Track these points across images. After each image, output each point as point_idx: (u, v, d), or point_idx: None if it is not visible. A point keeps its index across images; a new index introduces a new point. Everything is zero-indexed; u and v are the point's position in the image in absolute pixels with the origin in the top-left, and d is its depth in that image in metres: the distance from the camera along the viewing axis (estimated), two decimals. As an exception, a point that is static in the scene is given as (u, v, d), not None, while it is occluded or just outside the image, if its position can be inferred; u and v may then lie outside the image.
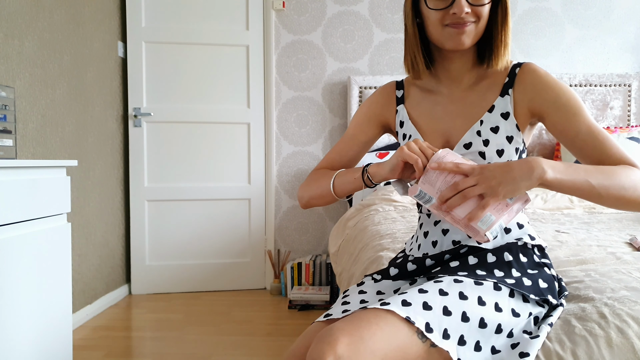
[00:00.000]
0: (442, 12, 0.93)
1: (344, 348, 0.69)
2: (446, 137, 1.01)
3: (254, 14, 3.06)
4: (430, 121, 1.03)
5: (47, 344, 1.61)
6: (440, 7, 0.93)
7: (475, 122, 0.99)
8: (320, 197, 1.07)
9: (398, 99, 1.09)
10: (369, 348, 0.70)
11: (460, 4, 0.90)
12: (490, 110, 0.98)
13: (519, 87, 0.98)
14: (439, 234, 1.01)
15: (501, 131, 0.97)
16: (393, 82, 1.13)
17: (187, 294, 3.03)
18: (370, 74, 3.14)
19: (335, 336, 0.71)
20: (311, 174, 1.14)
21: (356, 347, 0.70)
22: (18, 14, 2.02)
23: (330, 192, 1.04)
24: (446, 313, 0.77)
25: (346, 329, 0.72)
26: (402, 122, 1.07)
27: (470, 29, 0.93)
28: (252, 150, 3.12)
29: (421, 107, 1.05)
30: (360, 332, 0.71)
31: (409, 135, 1.05)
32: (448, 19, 0.93)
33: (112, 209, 2.85)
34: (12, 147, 1.58)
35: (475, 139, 0.97)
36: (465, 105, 1.01)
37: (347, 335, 0.71)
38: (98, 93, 2.69)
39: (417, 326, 0.74)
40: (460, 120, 1.00)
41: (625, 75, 2.98)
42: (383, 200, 2.28)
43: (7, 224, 1.44)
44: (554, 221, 1.92)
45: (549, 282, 0.91)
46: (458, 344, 0.76)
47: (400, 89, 1.10)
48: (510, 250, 0.94)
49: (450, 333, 0.76)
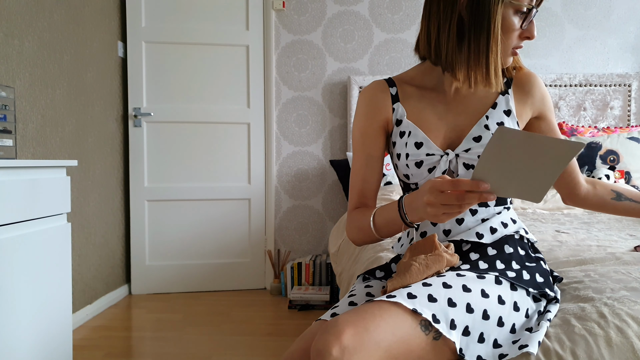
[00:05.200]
0: (519, 31, 0.94)
1: (349, 339, 0.70)
2: (452, 133, 1.01)
3: (254, 14, 3.06)
4: (432, 118, 1.02)
5: (47, 344, 1.61)
6: (517, 26, 0.93)
7: (480, 117, 1.00)
8: (372, 242, 1.03)
9: (393, 96, 1.05)
10: (374, 339, 0.71)
11: (534, 29, 0.94)
12: (494, 107, 1.01)
13: (519, 88, 1.03)
14: (428, 226, 1.02)
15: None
16: (381, 80, 1.07)
17: (187, 294, 3.03)
18: (370, 74, 3.14)
19: (341, 327, 0.72)
20: (349, 217, 1.07)
21: (361, 337, 0.71)
22: (18, 14, 2.02)
23: (378, 237, 1.00)
24: (451, 304, 0.78)
25: (351, 320, 0.73)
26: (398, 121, 1.04)
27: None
28: (252, 150, 3.12)
29: (421, 104, 1.04)
30: (365, 324, 0.72)
31: (409, 132, 1.02)
32: (521, 41, 0.96)
33: (112, 209, 2.85)
34: (12, 147, 1.58)
35: (485, 133, 0.98)
36: (468, 102, 1.02)
37: (352, 326, 0.72)
38: (98, 93, 2.69)
39: (424, 317, 0.75)
40: (465, 116, 1.01)
41: (625, 75, 2.98)
42: (383, 200, 2.28)
43: (7, 224, 1.44)
44: (554, 221, 1.92)
45: (545, 277, 0.94)
46: (462, 334, 0.78)
47: (392, 86, 1.06)
48: (508, 242, 0.97)
49: (457, 324, 0.77)
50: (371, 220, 0.97)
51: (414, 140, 1.00)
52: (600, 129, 2.81)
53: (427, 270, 0.86)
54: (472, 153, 0.97)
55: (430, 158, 0.98)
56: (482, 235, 0.97)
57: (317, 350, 0.71)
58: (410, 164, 1.00)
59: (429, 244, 0.89)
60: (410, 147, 1.00)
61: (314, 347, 0.72)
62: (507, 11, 0.91)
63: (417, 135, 1.00)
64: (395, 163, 1.06)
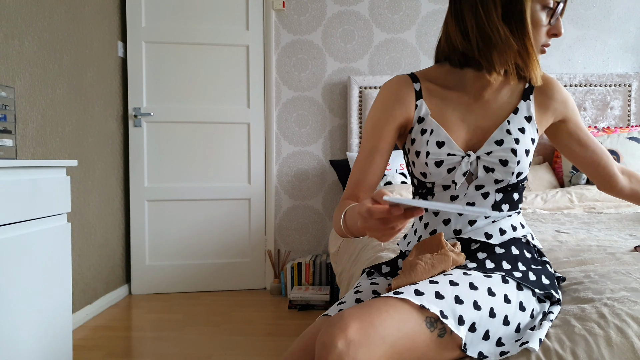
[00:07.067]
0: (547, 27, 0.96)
1: (354, 332, 0.71)
2: (473, 135, 1.01)
3: (254, 14, 3.06)
4: (454, 119, 1.01)
5: (47, 344, 1.61)
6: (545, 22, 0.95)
7: (502, 122, 1.00)
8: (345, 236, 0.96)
9: (417, 92, 1.03)
10: (379, 334, 0.72)
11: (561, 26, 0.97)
12: (515, 112, 1.01)
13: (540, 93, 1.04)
14: (439, 224, 1.01)
15: (527, 133, 1.00)
16: (404, 75, 1.05)
17: (187, 294, 3.03)
18: (370, 74, 3.14)
19: (346, 321, 0.72)
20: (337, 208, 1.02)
21: (366, 332, 0.71)
22: (18, 14, 2.02)
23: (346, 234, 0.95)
24: (458, 302, 0.79)
25: (357, 314, 0.74)
26: (421, 118, 1.02)
27: None
28: (252, 150, 3.12)
29: (444, 104, 1.02)
30: (371, 318, 0.73)
31: (431, 131, 1.00)
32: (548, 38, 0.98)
33: (112, 209, 2.85)
34: (12, 147, 1.58)
35: (506, 137, 0.98)
36: (490, 106, 1.02)
37: (358, 320, 0.72)
38: (98, 93, 2.69)
39: (432, 312, 0.76)
40: (486, 120, 1.01)
41: (625, 75, 2.98)
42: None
43: (7, 224, 1.44)
44: (554, 221, 1.92)
45: (550, 279, 0.94)
46: (469, 330, 0.78)
47: (416, 82, 1.04)
48: (516, 245, 0.98)
49: (465, 319, 0.78)
50: (341, 221, 0.94)
51: (435, 139, 0.99)
52: (600, 129, 2.81)
53: (432, 269, 0.86)
54: (493, 156, 0.97)
55: (451, 158, 0.98)
56: (491, 236, 0.98)
57: (322, 343, 0.71)
58: (429, 163, 0.99)
59: (435, 242, 0.89)
60: (431, 146, 0.99)
61: (319, 340, 0.73)
62: (535, 6, 0.93)
63: (439, 134, 0.99)
64: (412, 160, 1.04)
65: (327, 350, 0.70)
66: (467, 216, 0.99)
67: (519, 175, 0.99)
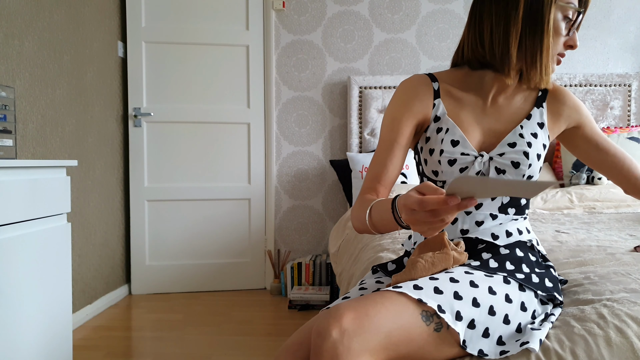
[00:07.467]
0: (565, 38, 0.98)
1: (349, 322, 0.72)
2: (487, 137, 1.03)
3: (254, 13, 3.06)
4: (469, 120, 1.03)
5: (47, 344, 1.61)
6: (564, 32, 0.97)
7: (516, 126, 1.03)
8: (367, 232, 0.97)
9: (435, 91, 1.05)
10: (374, 324, 0.73)
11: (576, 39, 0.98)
12: (529, 118, 1.04)
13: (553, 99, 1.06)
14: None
15: (539, 138, 1.02)
16: (423, 74, 1.07)
17: (187, 294, 3.03)
18: (370, 74, 3.14)
19: (342, 311, 0.74)
20: (355, 203, 1.02)
21: (361, 322, 0.72)
22: (18, 14, 2.02)
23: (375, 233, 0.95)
24: (457, 297, 0.79)
25: (353, 305, 0.75)
26: (437, 117, 1.04)
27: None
28: (252, 150, 3.12)
29: (460, 104, 1.04)
30: (366, 309, 0.74)
31: (446, 129, 1.02)
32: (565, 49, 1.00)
33: (112, 209, 2.85)
34: (12, 147, 1.58)
35: (519, 140, 1.00)
36: (504, 111, 1.04)
37: (353, 310, 0.74)
38: (98, 93, 2.69)
39: (429, 306, 0.76)
40: (500, 123, 1.03)
41: (625, 75, 2.98)
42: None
43: (7, 224, 1.44)
44: (554, 221, 1.92)
45: (554, 282, 0.95)
46: (468, 327, 0.79)
47: (435, 81, 1.06)
48: (521, 247, 0.99)
49: (462, 316, 0.78)
50: (367, 217, 0.94)
51: (450, 138, 1.01)
52: (600, 129, 2.81)
53: (432, 267, 0.86)
54: (505, 158, 0.98)
55: (464, 158, 0.99)
56: (497, 237, 0.99)
57: (318, 332, 0.73)
58: (442, 161, 1.00)
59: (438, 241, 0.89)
60: (446, 144, 1.00)
61: (315, 329, 0.74)
62: (557, 14, 0.95)
63: (454, 133, 1.01)
64: (425, 159, 1.05)
65: (322, 339, 0.72)
66: (474, 216, 1.00)
67: (529, 179, 0.99)
